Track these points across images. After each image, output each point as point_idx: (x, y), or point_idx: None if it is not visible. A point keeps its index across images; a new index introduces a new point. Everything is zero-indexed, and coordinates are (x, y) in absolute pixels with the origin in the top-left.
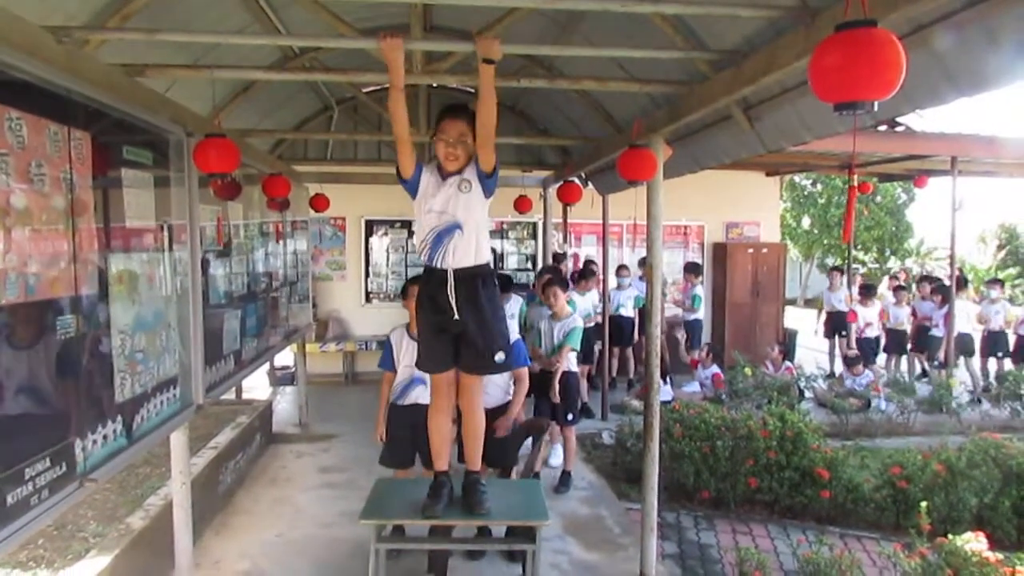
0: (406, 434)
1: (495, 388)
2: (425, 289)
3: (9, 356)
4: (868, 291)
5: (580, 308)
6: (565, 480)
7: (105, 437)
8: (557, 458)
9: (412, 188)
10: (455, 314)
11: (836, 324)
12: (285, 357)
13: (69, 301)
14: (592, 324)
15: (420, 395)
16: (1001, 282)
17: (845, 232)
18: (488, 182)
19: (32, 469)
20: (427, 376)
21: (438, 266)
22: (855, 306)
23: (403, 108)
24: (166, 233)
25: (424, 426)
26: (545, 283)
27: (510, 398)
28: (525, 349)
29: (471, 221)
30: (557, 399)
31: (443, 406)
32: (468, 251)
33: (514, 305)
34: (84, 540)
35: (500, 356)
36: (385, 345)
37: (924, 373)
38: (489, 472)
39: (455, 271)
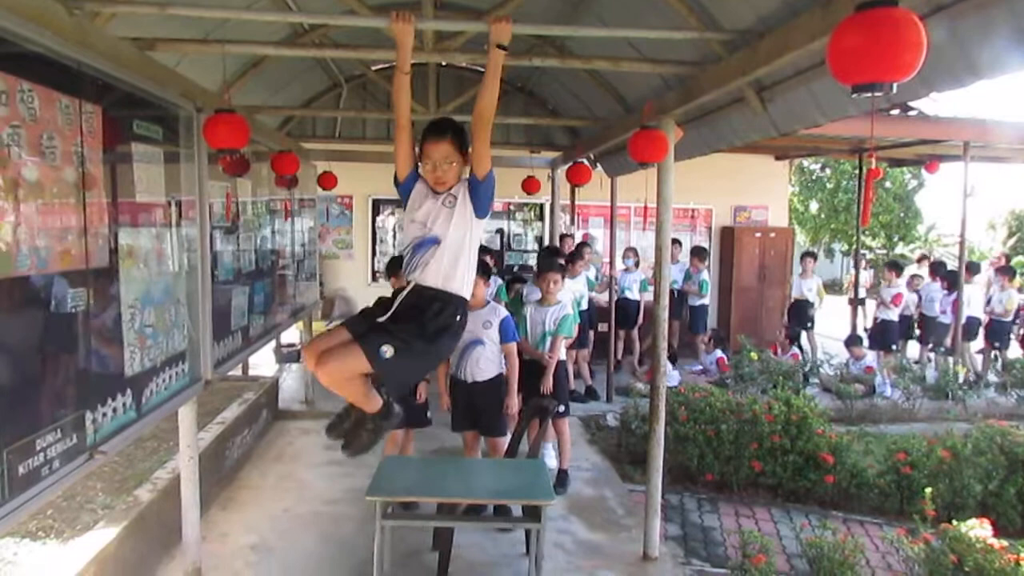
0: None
1: (487, 362)
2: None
3: (20, 328)
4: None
5: (573, 291)
6: (562, 480)
7: (115, 410)
8: (551, 459)
9: (405, 193)
10: (385, 315)
11: (801, 313)
12: (291, 334)
13: (79, 274)
14: (586, 307)
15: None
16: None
17: (864, 215)
18: (481, 191)
19: (43, 440)
20: (439, 235)
21: (407, 276)
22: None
23: (407, 95)
24: (175, 208)
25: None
26: (542, 269)
27: (501, 370)
28: (513, 324)
29: (450, 239)
30: (548, 390)
31: (320, 347)
32: (438, 272)
33: (492, 285)
34: (93, 512)
35: (385, 349)
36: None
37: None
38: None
39: (416, 284)
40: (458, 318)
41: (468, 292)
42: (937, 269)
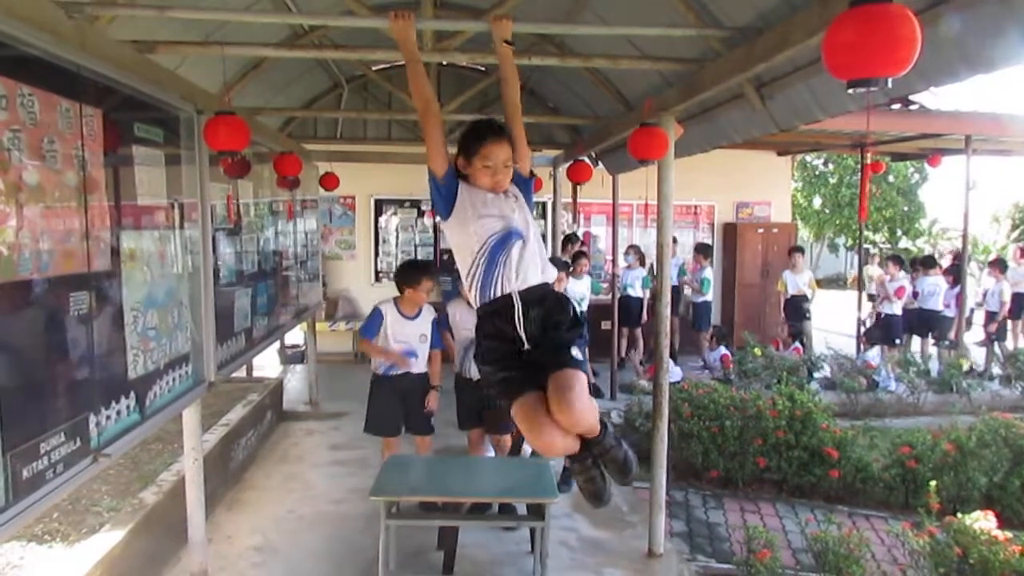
0: (394, 403)
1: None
2: (485, 322)
3: (23, 332)
4: (897, 261)
5: (575, 292)
6: (566, 477)
7: (118, 413)
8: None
9: (446, 194)
10: (525, 344)
11: (797, 309)
12: (295, 335)
13: (82, 278)
14: (585, 309)
15: (409, 365)
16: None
17: (861, 210)
18: (528, 188)
19: (47, 443)
20: (418, 350)
21: (497, 293)
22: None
23: (427, 82)
24: (177, 211)
25: (415, 390)
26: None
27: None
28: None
29: (530, 233)
30: None
31: (547, 426)
32: (536, 267)
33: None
34: (98, 514)
35: (576, 352)
36: (374, 314)
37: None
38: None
39: (522, 293)
40: (569, 303)
41: (554, 275)
42: (927, 263)
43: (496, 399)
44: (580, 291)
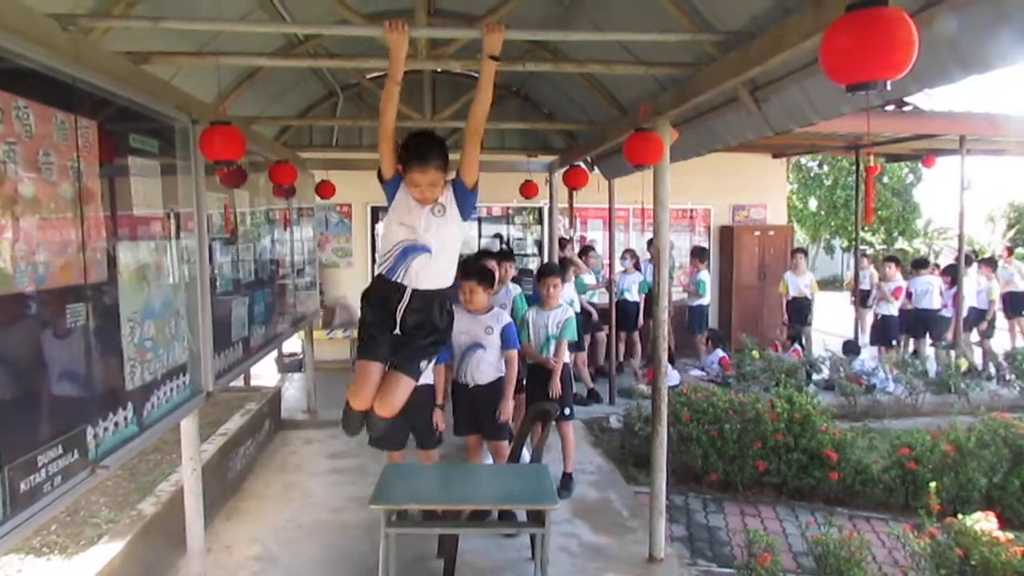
0: (399, 416)
1: (487, 366)
2: (377, 289)
3: (19, 344)
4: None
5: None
6: (566, 483)
7: (116, 424)
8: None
9: (390, 192)
10: (397, 329)
11: (801, 310)
12: (293, 344)
13: (78, 289)
14: (578, 310)
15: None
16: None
17: (867, 213)
18: (468, 198)
19: (45, 456)
20: (430, 245)
21: (398, 280)
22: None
23: (394, 106)
24: (173, 221)
25: (422, 404)
26: (542, 273)
27: (501, 374)
28: (515, 331)
29: (441, 246)
30: (558, 394)
31: (360, 398)
32: (434, 275)
33: (507, 295)
34: (97, 526)
35: (424, 365)
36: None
37: (915, 353)
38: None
39: (414, 291)
40: (451, 304)
41: (452, 277)
42: (918, 264)
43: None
44: (567, 294)
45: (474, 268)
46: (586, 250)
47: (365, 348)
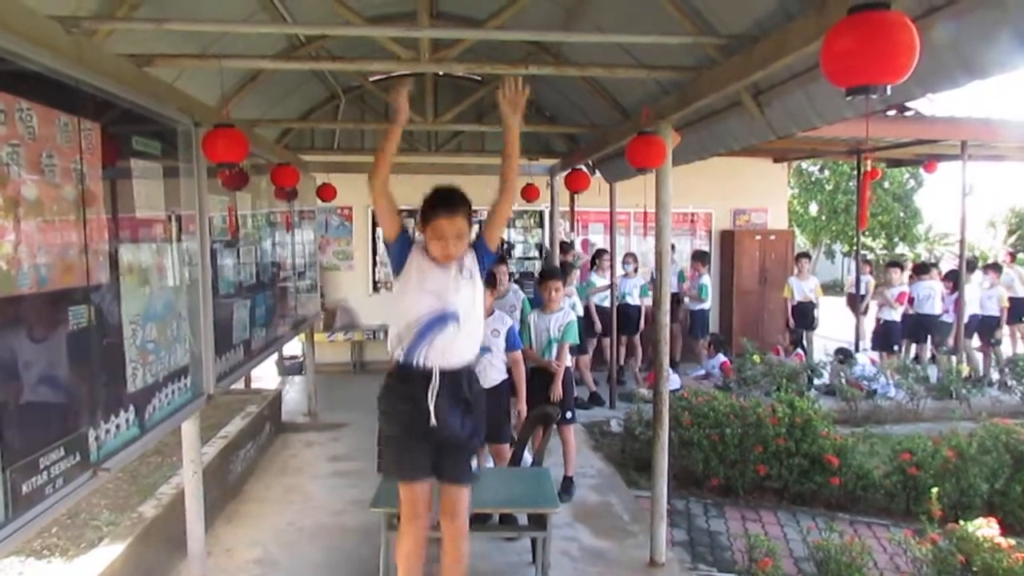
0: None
1: (493, 370)
2: (397, 388)
3: (22, 346)
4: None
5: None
6: (567, 487)
7: (118, 427)
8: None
9: (397, 255)
10: (432, 420)
11: (806, 315)
12: (293, 347)
13: (80, 291)
14: (582, 314)
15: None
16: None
17: (861, 218)
18: (487, 262)
19: (46, 458)
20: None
21: (419, 363)
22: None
23: (389, 166)
24: (175, 223)
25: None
26: (544, 277)
27: (504, 377)
28: (519, 333)
29: (468, 313)
30: (559, 397)
31: (416, 526)
32: (462, 349)
33: (516, 298)
34: (97, 528)
35: (475, 465)
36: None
37: (917, 359)
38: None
39: (442, 372)
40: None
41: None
42: (920, 269)
43: (384, 461)
44: (569, 299)
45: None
46: (600, 253)
47: (401, 464)
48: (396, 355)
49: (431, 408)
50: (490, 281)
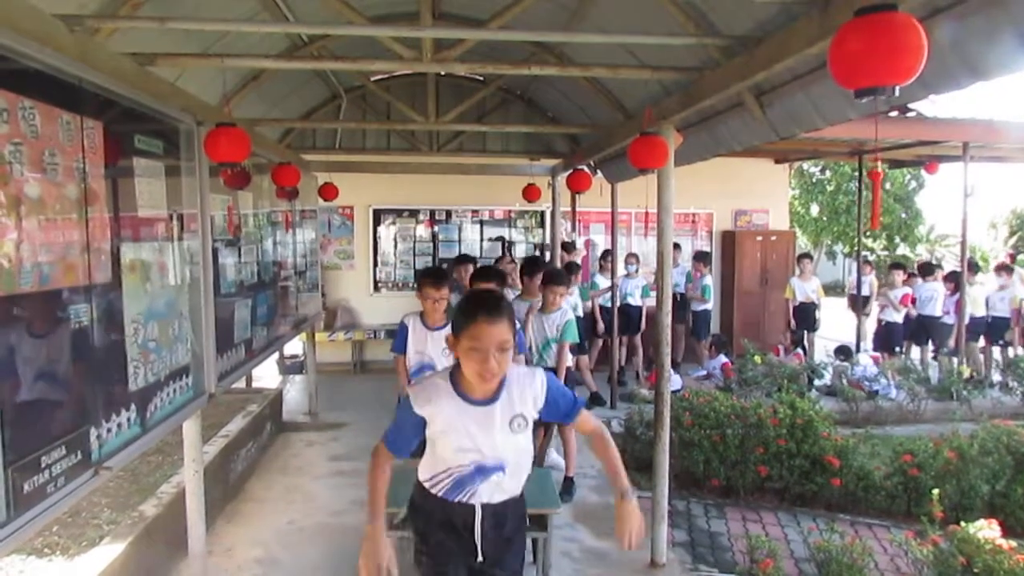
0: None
1: None
2: (433, 508)
3: (24, 345)
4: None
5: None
6: (568, 487)
7: (119, 425)
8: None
9: (421, 423)
10: (479, 555)
11: (808, 316)
12: (294, 346)
13: (82, 290)
14: (581, 315)
15: None
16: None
17: (873, 219)
18: (555, 414)
19: (48, 457)
20: (436, 362)
21: (461, 501)
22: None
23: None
24: (177, 222)
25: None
26: (549, 280)
27: None
28: (523, 336)
29: (519, 462)
30: None
31: None
32: (509, 489)
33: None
34: (98, 527)
35: None
36: (400, 328)
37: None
38: None
39: (484, 506)
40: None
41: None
42: (924, 270)
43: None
44: (571, 300)
45: (492, 272)
46: (606, 254)
47: None
48: (432, 490)
49: (478, 543)
50: (506, 282)
